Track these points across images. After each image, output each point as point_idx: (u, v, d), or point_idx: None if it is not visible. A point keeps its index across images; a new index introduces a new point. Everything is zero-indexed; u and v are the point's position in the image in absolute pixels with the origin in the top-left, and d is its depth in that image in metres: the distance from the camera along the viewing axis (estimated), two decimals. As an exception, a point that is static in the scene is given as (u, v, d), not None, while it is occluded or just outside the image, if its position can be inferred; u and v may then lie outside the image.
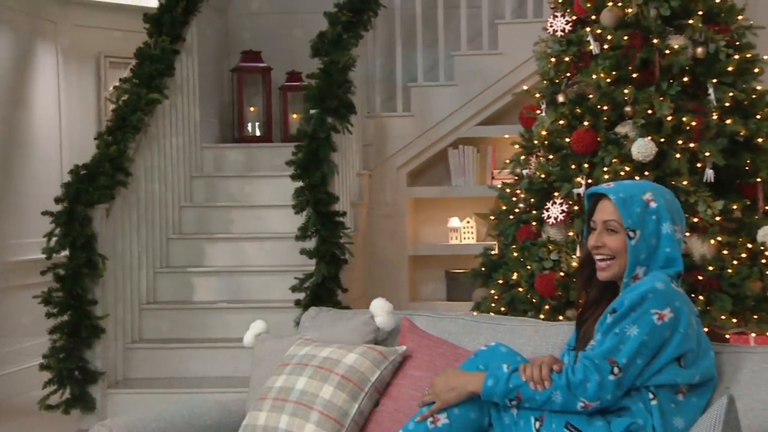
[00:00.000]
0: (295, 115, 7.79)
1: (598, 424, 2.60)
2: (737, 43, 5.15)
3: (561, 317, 4.91)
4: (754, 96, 5.07)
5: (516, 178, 5.54)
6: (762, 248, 4.78)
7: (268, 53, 7.87)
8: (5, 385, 7.08)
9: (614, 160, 4.94)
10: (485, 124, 7.03)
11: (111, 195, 5.67)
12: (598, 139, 5.03)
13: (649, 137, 4.90)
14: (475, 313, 4.86)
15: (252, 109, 7.86)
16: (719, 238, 4.80)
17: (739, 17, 5.26)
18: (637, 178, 4.88)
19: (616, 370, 2.59)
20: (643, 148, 4.87)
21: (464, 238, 7.11)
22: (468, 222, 7.11)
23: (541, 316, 4.85)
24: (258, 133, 7.83)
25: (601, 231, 2.76)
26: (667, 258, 2.73)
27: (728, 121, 4.93)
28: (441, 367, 2.97)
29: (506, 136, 6.95)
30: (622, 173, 4.91)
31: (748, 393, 2.67)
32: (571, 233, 5.05)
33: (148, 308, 6.13)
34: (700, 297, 4.73)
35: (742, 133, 4.93)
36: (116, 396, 5.60)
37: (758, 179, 4.93)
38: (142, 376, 5.86)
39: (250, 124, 7.85)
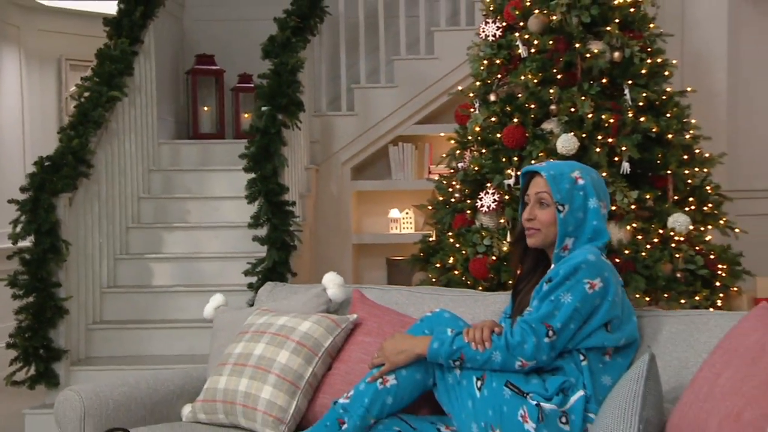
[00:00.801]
0: (246, 114, 7.85)
1: (534, 382, 2.68)
2: (649, 49, 5.27)
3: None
4: (664, 96, 5.20)
5: (452, 170, 5.62)
6: (672, 234, 4.90)
7: (221, 57, 7.92)
8: None
9: (541, 154, 5.01)
10: (423, 123, 7.09)
11: (74, 185, 5.68)
12: (527, 134, 5.13)
13: (572, 133, 4.99)
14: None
15: (206, 108, 7.90)
16: (634, 225, 4.92)
17: (651, 25, 5.38)
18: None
19: (551, 333, 2.67)
20: (566, 143, 4.97)
21: (403, 228, 7.18)
22: (407, 213, 7.20)
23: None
24: (211, 131, 7.87)
25: (533, 204, 2.85)
26: (594, 230, 2.82)
27: (642, 119, 5.04)
28: (389, 333, 3.04)
29: (442, 134, 7.04)
30: (548, 165, 5.04)
31: (667, 352, 2.76)
32: (502, 220, 5.13)
33: (109, 291, 6.16)
34: (617, 278, 4.87)
35: (654, 130, 5.04)
36: (79, 373, 5.62)
37: (668, 171, 5.04)
38: (104, 355, 5.88)
39: (204, 123, 7.89)
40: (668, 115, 5.19)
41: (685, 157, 5.19)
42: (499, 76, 5.40)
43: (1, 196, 7.51)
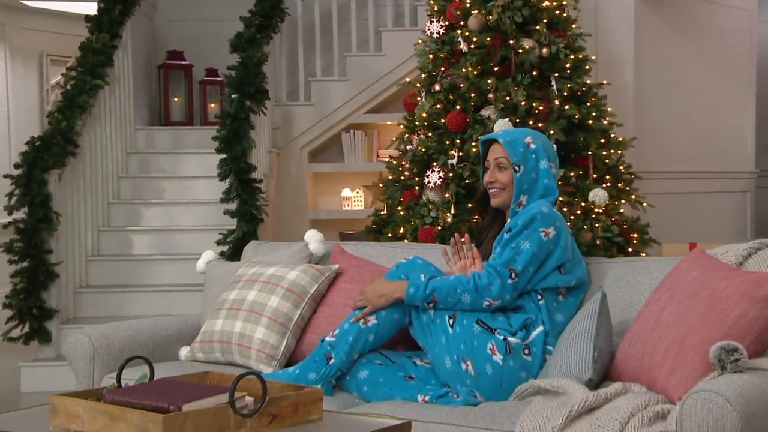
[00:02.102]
0: (212, 104, 7.79)
1: (500, 320, 2.71)
2: (572, 46, 5.33)
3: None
4: (584, 88, 5.25)
5: (401, 152, 5.63)
6: (592, 206, 4.95)
7: (189, 53, 7.84)
8: None
9: (480, 137, 5.06)
10: (372, 113, 7.08)
11: (63, 163, 5.59)
12: (468, 120, 5.14)
13: (507, 118, 5.00)
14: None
15: (176, 99, 7.81)
16: (560, 199, 4.93)
17: (573, 26, 5.43)
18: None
19: (513, 275, 2.71)
20: (502, 127, 4.94)
21: (354, 206, 7.18)
22: (357, 192, 7.20)
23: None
24: (181, 119, 7.80)
25: (493, 169, 2.88)
26: (545, 188, 2.86)
27: (566, 107, 5.09)
28: (367, 281, 3.05)
29: (389, 122, 7.08)
30: (486, 147, 5.08)
31: (612, 293, 2.80)
32: (447, 195, 5.12)
33: (93, 259, 6.08)
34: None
35: (577, 117, 5.10)
36: (68, 330, 5.52)
37: (589, 153, 5.10)
38: (90, 315, 5.80)
39: (174, 111, 7.81)
40: (588, 104, 5.25)
41: (603, 140, 5.26)
42: (443, 68, 5.40)
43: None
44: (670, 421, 2.12)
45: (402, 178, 5.45)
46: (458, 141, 5.16)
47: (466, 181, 5.11)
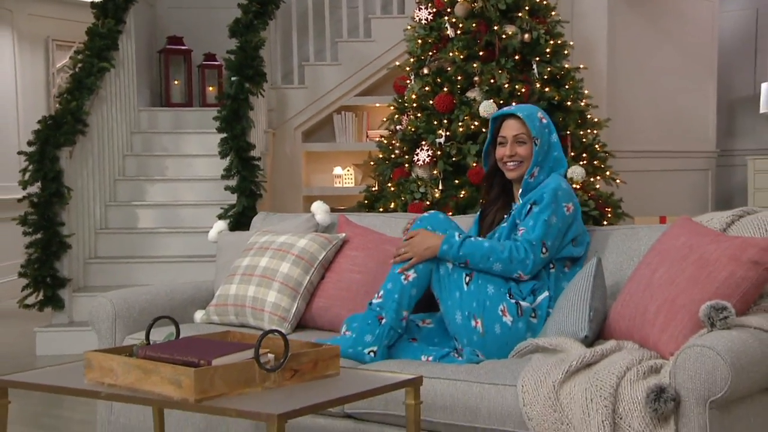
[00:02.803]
0: (210, 87, 7.74)
1: (512, 283, 2.68)
2: (552, 32, 5.33)
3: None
4: (563, 71, 5.26)
5: (391, 132, 5.62)
6: (570, 182, 4.98)
7: (189, 38, 7.78)
8: None
9: (466, 117, 5.05)
10: (361, 95, 7.05)
11: (73, 141, 5.54)
12: (454, 101, 5.15)
13: (492, 100, 5.03)
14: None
15: (176, 82, 7.74)
16: (542, 176, 5.02)
17: (553, 13, 5.45)
18: (483, 130, 5.07)
19: (544, 250, 2.67)
20: (487, 108, 5.00)
21: (345, 183, 7.16)
22: (348, 170, 7.17)
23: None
24: (181, 101, 7.74)
25: (512, 143, 2.81)
26: (555, 160, 2.84)
27: (547, 89, 5.11)
28: (372, 249, 3.05)
29: (377, 104, 7.05)
30: (472, 127, 5.05)
31: (604, 258, 2.78)
32: (435, 172, 5.13)
33: (102, 232, 6.03)
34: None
35: (556, 98, 5.11)
36: (80, 298, 5.52)
37: (568, 132, 5.10)
38: (99, 284, 5.76)
39: (174, 93, 7.74)
40: (566, 86, 5.27)
41: (580, 121, 5.29)
42: (431, 52, 5.40)
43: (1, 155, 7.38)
44: (664, 374, 2.13)
45: (392, 156, 5.44)
46: (445, 121, 5.17)
47: (453, 158, 5.12)
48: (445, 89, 5.18)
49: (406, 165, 5.30)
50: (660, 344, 2.30)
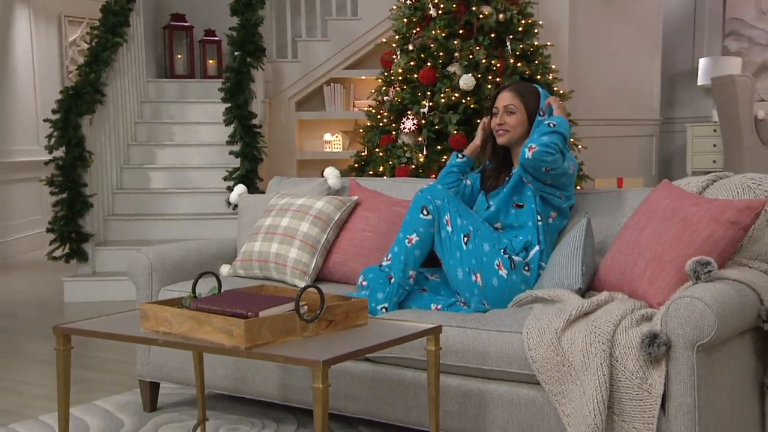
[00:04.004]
0: (210, 60, 7.62)
1: (505, 242, 2.68)
2: (523, 12, 5.26)
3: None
4: (533, 48, 5.22)
5: (378, 102, 5.56)
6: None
7: (190, 15, 7.64)
8: (17, 246, 7.03)
9: (447, 90, 5.01)
10: (349, 69, 6.98)
11: (92, 109, 5.44)
12: (437, 75, 5.09)
13: (471, 74, 4.98)
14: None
15: (179, 56, 7.61)
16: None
17: (524, -5, 5.45)
18: (464, 101, 5.05)
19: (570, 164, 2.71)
20: (467, 81, 4.96)
21: (334, 148, 7.12)
22: (336, 136, 7.12)
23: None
24: (185, 73, 7.60)
25: (502, 113, 2.80)
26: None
27: (519, 64, 5.07)
28: (382, 210, 3.02)
29: (363, 77, 6.98)
30: (453, 98, 5.01)
31: (594, 218, 2.75)
32: (420, 139, 5.09)
33: (118, 192, 5.94)
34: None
35: (527, 72, 5.07)
36: (101, 251, 5.45)
37: (538, 103, 5.14)
38: (118, 239, 5.70)
39: (178, 66, 7.61)
40: (536, 62, 5.22)
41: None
42: (415, 30, 5.33)
43: (20, 122, 7.24)
44: (655, 321, 2.15)
45: (380, 124, 5.39)
46: (429, 93, 5.11)
47: (436, 127, 5.08)
48: (429, 64, 5.12)
49: (393, 132, 5.25)
50: (648, 295, 2.32)
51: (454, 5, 5.14)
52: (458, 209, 2.69)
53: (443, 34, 5.13)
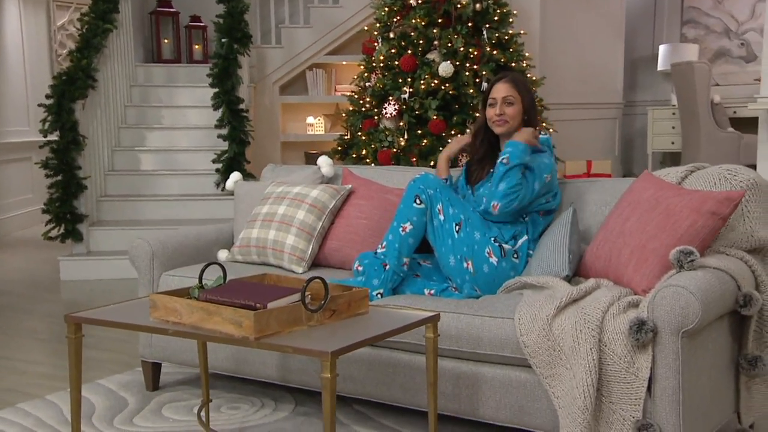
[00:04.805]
0: (196, 45, 7.46)
1: (495, 230, 2.64)
2: (498, 2, 5.21)
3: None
4: (508, 36, 5.18)
5: (360, 88, 5.49)
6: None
7: (176, 1, 7.47)
8: (9, 224, 6.90)
9: (427, 76, 4.96)
10: (330, 54, 6.88)
11: (85, 94, 5.29)
12: (417, 62, 5.05)
13: (449, 61, 4.94)
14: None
15: (166, 41, 7.44)
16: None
17: (499, -15, 5.38)
18: (443, 87, 5.00)
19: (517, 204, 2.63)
20: (445, 68, 4.92)
21: (316, 130, 7.04)
22: (318, 119, 7.03)
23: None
24: (171, 57, 7.44)
25: (501, 104, 2.73)
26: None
27: (495, 52, 5.03)
28: (375, 198, 2.97)
29: (344, 62, 6.89)
30: (433, 84, 4.96)
31: (579, 207, 2.73)
32: (401, 123, 5.04)
33: (110, 174, 5.81)
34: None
35: (502, 60, 5.02)
36: (95, 231, 5.34)
37: (513, 90, 5.10)
38: (111, 219, 5.58)
39: (165, 51, 7.44)
40: (511, 50, 5.19)
41: (522, 79, 5.24)
42: (395, 19, 5.27)
43: (11, 104, 7.06)
44: (642, 308, 2.14)
45: (363, 109, 5.34)
46: (409, 79, 5.07)
47: (416, 112, 5.04)
48: (409, 51, 5.07)
49: (375, 117, 5.20)
50: (633, 282, 2.31)
51: (434, -5, 5.07)
52: (450, 198, 2.66)
53: (423, 23, 5.07)
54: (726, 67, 8.50)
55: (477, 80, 5.01)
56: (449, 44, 4.99)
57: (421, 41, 5.06)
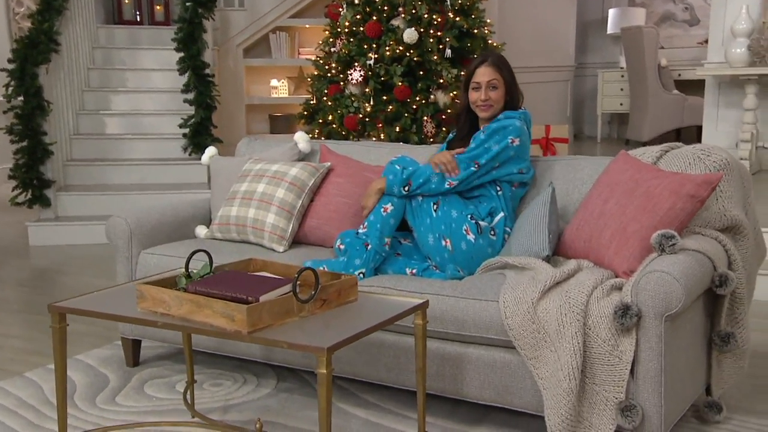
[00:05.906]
0: (158, 6, 7.12)
1: (471, 208, 2.57)
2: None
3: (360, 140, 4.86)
4: (470, 2, 5.04)
5: (325, 53, 5.33)
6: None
7: (137, -39, 7.10)
8: None
9: (392, 42, 4.83)
10: (294, 17, 6.66)
11: (48, 59, 5.00)
12: (382, 28, 4.91)
13: (413, 28, 4.81)
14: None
15: (126, 1, 7.09)
16: (454, 92, 4.83)
17: (462, -48, 5.22)
18: (408, 54, 4.85)
19: (476, 166, 2.55)
20: (410, 35, 4.80)
21: (280, 93, 6.83)
22: (282, 82, 6.83)
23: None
24: (132, 18, 7.10)
25: (486, 88, 2.63)
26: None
27: (458, 19, 4.92)
28: (354, 175, 2.85)
29: (307, 26, 6.67)
30: (398, 51, 4.83)
31: (555, 185, 2.63)
32: (367, 90, 4.92)
33: (75, 138, 5.55)
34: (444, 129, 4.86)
35: (465, 26, 4.92)
36: (63, 197, 5.11)
37: (475, 55, 4.92)
38: (78, 183, 5.35)
39: (126, 11, 7.09)
40: (473, 16, 5.07)
41: (483, 45, 5.12)
42: (361, -15, 5.08)
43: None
44: (626, 292, 2.09)
45: (329, 75, 5.17)
46: (374, 45, 4.92)
47: (382, 78, 4.90)
48: (374, 18, 4.90)
49: (341, 83, 5.04)
50: (614, 264, 2.25)
51: (398, -39, 4.89)
52: None
53: (387, -11, 4.89)
54: (671, 30, 8.49)
55: (441, 47, 4.89)
56: (413, 11, 4.85)
57: (385, 7, 4.90)
